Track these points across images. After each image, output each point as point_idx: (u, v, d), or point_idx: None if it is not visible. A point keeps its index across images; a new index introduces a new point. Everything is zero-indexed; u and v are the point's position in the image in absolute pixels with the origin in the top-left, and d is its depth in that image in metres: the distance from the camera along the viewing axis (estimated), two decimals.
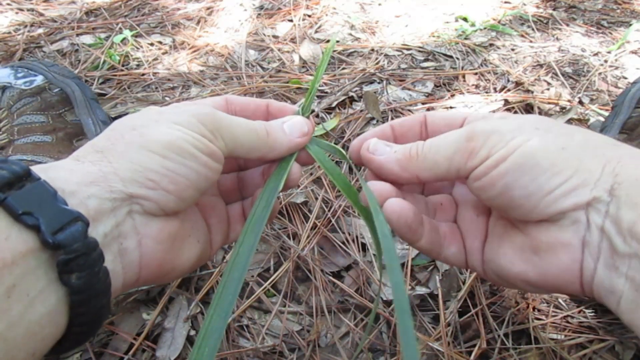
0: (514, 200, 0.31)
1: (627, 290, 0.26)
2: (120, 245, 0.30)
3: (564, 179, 0.29)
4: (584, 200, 0.28)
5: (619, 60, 1.11)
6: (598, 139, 0.30)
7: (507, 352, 0.58)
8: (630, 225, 0.26)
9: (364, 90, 1.00)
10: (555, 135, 0.30)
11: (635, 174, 0.27)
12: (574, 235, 0.29)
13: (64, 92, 0.81)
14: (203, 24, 1.26)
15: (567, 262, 0.30)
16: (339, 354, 0.58)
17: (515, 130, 0.31)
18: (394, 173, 0.37)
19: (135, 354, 0.58)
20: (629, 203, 0.26)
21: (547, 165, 0.29)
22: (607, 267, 0.28)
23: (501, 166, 0.30)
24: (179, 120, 0.33)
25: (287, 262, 0.68)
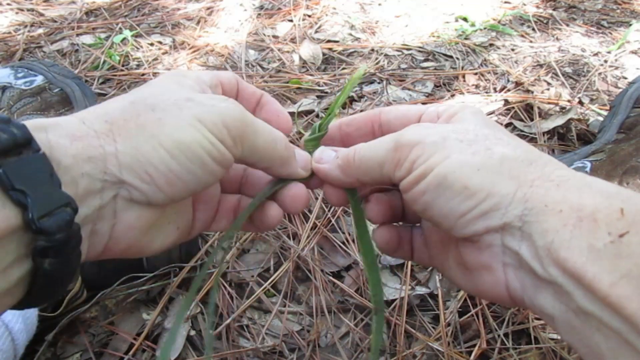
0: (434, 219, 0.31)
1: (559, 312, 0.26)
2: (94, 226, 0.29)
3: (475, 203, 0.29)
4: (496, 224, 0.28)
5: (619, 60, 1.11)
6: (516, 157, 0.30)
7: (507, 352, 0.58)
8: (545, 252, 0.26)
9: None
10: (474, 152, 0.30)
11: (544, 199, 0.27)
12: (492, 257, 0.30)
13: (64, 92, 0.81)
14: (203, 24, 1.26)
15: (491, 282, 0.30)
16: (339, 354, 0.58)
17: (438, 144, 0.31)
18: (338, 179, 0.37)
19: (135, 354, 0.58)
20: (539, 230, 0.26)
21: (459, 188, 0.29)
22: (534, 289, 0.28)
23: (421, 184, 0.30)
24: (204, 117, 0.30)
25: (287, 262, 0.68)
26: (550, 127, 0.89)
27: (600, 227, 0.24)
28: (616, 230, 0.24)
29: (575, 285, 0.24)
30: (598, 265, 0.24)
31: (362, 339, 0.60)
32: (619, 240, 0.24)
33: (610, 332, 0.23)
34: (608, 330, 0.23)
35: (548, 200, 0.27)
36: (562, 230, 0.25)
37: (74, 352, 0.58)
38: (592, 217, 0.25)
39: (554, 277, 0.25)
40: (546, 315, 0.27)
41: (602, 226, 0.24)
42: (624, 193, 0.26)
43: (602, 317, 0.23)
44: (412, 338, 0.60)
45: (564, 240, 0.25)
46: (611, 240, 0.24)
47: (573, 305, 0.25)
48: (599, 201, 0.26)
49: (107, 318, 0.62)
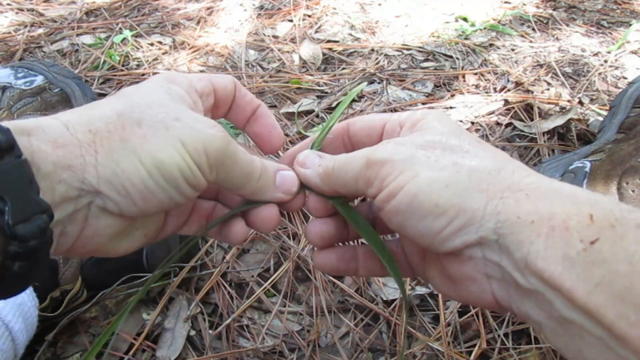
0: (410, 237, 0.31)
1: (544, 320, 0.26)
2: (64, 228, 0.29)
3: (448, 221, 0.29)
4: (473, 239, 0.28)
5: (619, 60, 1.11)
6: (484, 169, 0.30)
7: (507, 352, 0.58)
8: (523, 263, 0.26)
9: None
10: (442, 167, 0.30)
11: (515, 211, 0.27)
12: (475, 269, 0.30)
13: (64, 92, 0.81)
14: (203, 24, 1.26)
15: (477, 292, 0.30)
16: (339, 354, 0.58)
17: (406, 161, 0.31)
18: (317, 187, 0.37)
19: (136, 354, 0.58)
20: (515, 242, 0.27)
21: (430, 207, 0.29)
22: (519, 298, 0.28)
23: (392, 202, 0.31)
24: (187, 141, 0.31)
25: (287, 262, 0.68)
26: (550, 127, 0.89)
27: (572, 235, 0.25)
28: (587, 237, 0.24)
29: (555, 294, 0.25)
30: (574, 274, 0.24)
31: (362, 339, 0.60)
32: (591, 247, 0.24)
33: (592, 339, 0.23)
34: (590, 337, 0.23)
35: (520, 212, 0.27)
36: (536, 241, 0.26)
37: (74, 352, 0.58)
38: (563, 225, 0.25)
39: (535, 286, 0.26)
40: (533, 322, 0.27)
41: (574, 234, 0.25)
42: (592, 198, 0.26)
43: (584, 325, 0.24)
44: (412, 338, 0.60)
45: (540, 251, 0.25)
46: (584, 248, 0.24)
47: (556, 314, 0.25)
48: (569, 208, 0.26)
49: (107, 318, 0.62)
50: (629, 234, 0.23)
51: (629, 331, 0.21)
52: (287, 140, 0.87)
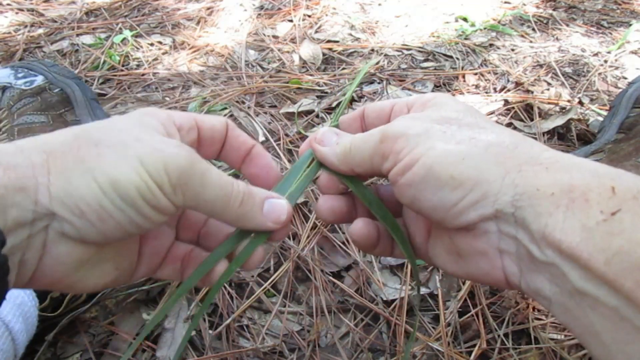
0: (423, 210, 0.31)
1: (555, 295, 0.26)
2: (23, 256, 0.28)
3: (464, 193, 0.28)
4: (489, 212, 0.28)
5: (619, 61, 1.11)
6: (501, 143, 0.30)
7: (507, 352, 0.58)
8: (540, 235, 0.26)
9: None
10: (458, 141, 0.30)
11: (534, 183, 0.27)
12: (488, 244, 0.29)
13: (64, 92, 0.81)
14: (203, 24, 1.26)
15: (487, 268, 0.30)
16: (339, 354, 0.58)
17: (421, 135, 0.31)
18: (334, 166, 0.37)
19: (136, 354, 0.58)
20: (532, 213, 0.26)
21: (446, 179, 0.29)
22: (530, 272, 0.28)
23: (407, 175, 0.30)
24: (146, 160, 0.29)
25: (287, 262, 0.68)
26: (550, 127, 0.89)
27: (592, 207, 0.24)
28: (608, 208, 0.24)
29: (571, 265, 0.25)
30: (592, 244, 0.24)
31: (362, 339, 0.60)
32: (612, 218, 0.24)
33: (605, 310, 0.23)
34: (604, 308, 0.23)
35: (538, 184, 0.27)
36: (555, 213, 0.25)
37: (74, 352, 0.58)
38: (583, 197, 0.25)
39: (551, 259, 0.26)
40: (542, 298, 0.27)
41: (594, 205, 0.24)
42: (613, 172, 0.26)
43: (599, 296, 0.23)
44: None
45: (558, 222, 0.25)
46: (604, 219, 0.24)
47: (569, 286, 0.25)
48: (590, 181, 0.26)
49: (107, 318, 0.62)
50: None
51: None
52: (287, 141, 0.87)
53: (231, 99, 0.98)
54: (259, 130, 0.90)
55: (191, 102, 0.95)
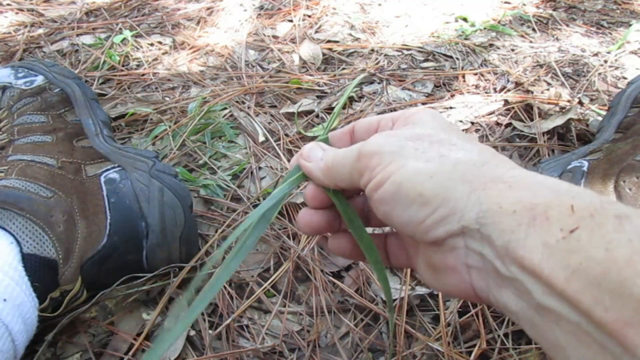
0: (395, 226, 0.32)
1: (521, 309, 0.27)
2: None
3: (431, 210, 0.29)
4: (455, 229, 0.29)
5: (619, 61, 1.11)
6: (469, 161, 0.30)
7: (507, 352, 0.58)
8: (504, 251, 0.26)
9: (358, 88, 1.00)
10: (428, 159, 0.31)
11: (498, 201, 0.28)
12: (455, 260, 0.30)
13: (64, 92, 0.81)
14: (203, 24, 1.26)
15: (457, 282, 0.31)
16: (339, 354, 0.58)
17: (394, 153, 0.32)
18: (320, 180, 0.38)
19: (135, 354, 0.58)
20: (496, 231, 0.27)
21: (414, 196, 0.30)
22: (497, 287, 0.28)
23: (379, 192, 0.31)
24: None
25: (287, 262, 0.68)
26: (550, 127, 0.89)
27: (552, 224, 0.25)
28: (567, 226, 0.24)
29: (534, 282, 0.25)
30: (553, 261, 0.24)
31: (362, 339, 0.60)
32: (570, 235, 0.24)
33: (568, 326, 0.24)
34: (566, 323, 0.24)
35: (501, 201, 0.27)
36: (517, 230, 0.26)
37: (74, 352, 0.58)
38: (544, 215, 0.25)
39: (515, 274, 0.26)
40: (510, 312, 0.28)
41: (554, 223, 0.25)
42: (574, 190, 0.27)
43: (561, 312, 0.24)
44: (412, 338, 0.60)
45: (520, 240, 0.26)
46: (563, 236, 0.24)
47: (533, 302, 0.25)
48: (551, 199, 0.26)
49: (107, 318, 0.62)
50: (607, 223, 0.24)
51: (605, 315, 0.22)
52: (287, 141, 0.87)
53: (231, 99, 0.98)
54: (259, 130, 0.90)
55: (191, 102, 0.95)
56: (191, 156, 0.86)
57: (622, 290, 0.21)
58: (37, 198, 0.60)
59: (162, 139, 0.88)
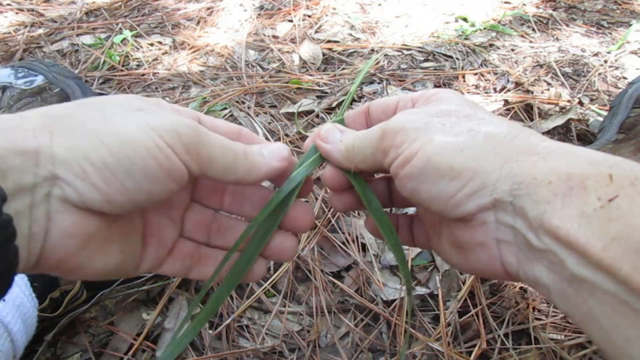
0: (423, 202, 0.31)
1: (553, 283, 0.26)
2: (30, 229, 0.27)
3: (463, 183, 0.29)
4: (487, 202, 0.29)
5: (619, 61, 1.11)
6: (499, 134, 0.30)
7: (507, 352, 0.58)
8: (538, 223, 0.26)
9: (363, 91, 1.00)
10: (457, 133, 0.30)
11: (532, 172, 0.27)
12: (486, 235, 0.30)
13: (64, 92, 0.81)
14: (203, 24, 1.26)
15: (485, 259, 0.30)
16: (339, 354, 0.58)
17: (420, 129, 0.31)
18: (338, 162, 0.37)
19: (135, 354, 0.58)
20: (530, 202, 0.27)
21: (445, 170, 0.29)
22: (528, 261, 0.28)
23: (406, 168, 0.31)
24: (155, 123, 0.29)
25: (287, 262, 0.68)
26: (550, 127, 0.89)
27: (590, 194, 0.25)
28: (605, 195, 0.24)
29: (568, 252, 0.25)
30: (590, 230, 0.24)
31: (362, 339, 0.60)
32: (609, 204, 0.24)
33: (604, 296, 0.23)
34: (602, 294, 0.23)
35: (536, 173, 0.27)
36: (553, 200, 0.26)
37: (74, 352, 0.58)
38: (581, 185, 0.25)
39: (549, 246, 0.26)
40: (541, 287, 0.27)
41: (591, 193, 0.25)
42: (610, 159, 0.26)
43: (596, 281, 0.24)
44: (412, 338, 0.60)
45: (556, 210, 0.25)
46: (601, 206, 0.24)
47: (567, 273, 0.25)
48: (587, 169, 0.26)
49: (107, 318, 0.62)
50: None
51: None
52: (287, 141, 0.87)
53: (231, 99, 0.98)
54: (259, 130, 0.90)
55: (191, 102, 0.95)
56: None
57: None
58: None
59: None
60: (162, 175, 0.29)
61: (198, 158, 0.31)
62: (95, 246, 0.30)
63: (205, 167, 0.32)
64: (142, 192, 0.29)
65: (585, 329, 0.26)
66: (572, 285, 0.25)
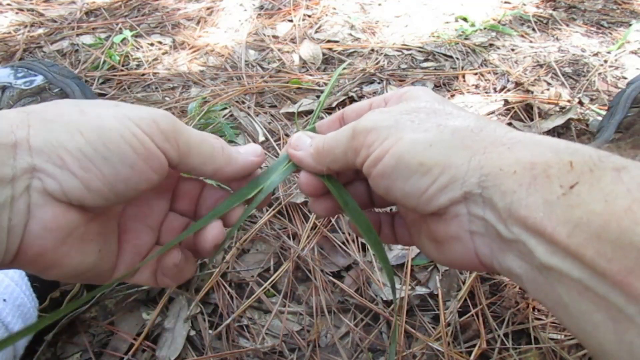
0: (397, 199, 0.32)
1: (525, 272, 0.27)
2: (10, 222, 0.27)
3: (433, 178, 0.29)
4: (458, 195, 0.29)
5: (619, 61, 1.11)
6: (466, 128, 0.30)
7: (507, 352, 0.58)
8: (506, 213, 0.27)
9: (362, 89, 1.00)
10: (426, 129, 0.31)
11: (498, 163, 0.28)
12: (459, 227, 0.30)
13: (64, 92, 0.81)
14: (203, 24, 1.26)
15: (461, 251, 0.31)
16: (339, 354, 0.58)
17: (391, 127, 0.32)
18: (311, 167, 0.38)
19: (135, 354, 0.58)
20: (497, 193, 0.27)
21: (415, 166, 0.30)
22: (501, 252, 0.28)
23: (378, 166, 0.31)
24: (131, 113, 0.30)
25: (287, 262, 0.68)
26: (550, 127, 0.89)
27: (552, 182, 0.25)
28: (567, 182, 0.25)
29: (537, 240, 0.25)
30: (554, 217, 0.24)
31: (362, 339, 0.60)
32: (570, 191, 0.24)
33: (571, 282, 0.24)
34: (569, 280, 0.24)
35: (502, 164, 0.27)
36: (518, 190, 0.26)
37: (74, 352, 0.58)
38: (544, 173, 0.26)
39: (517, 235, 0.26)
40: (514, 276, 0.28)
41: (554, 180, 0.25)
42: (572, 147, 0.27)
43: (563, 269, 0.24)
44: (412, 338, 0.60)
45: (522, 199, 0.26)
46: (563, 193, 0.24)
47: (536, 262, 0.25)
48: (550, 157, 0.26)
49: (106, 318, 0.62)
50: (606, 176, 0.24)
51: (607, 267, 0.22)
52: (287, 141, 0.87)
53: (231, 99, 0.98)
54: (259, 130, 0.90)
55: (191, 102, 0.95)
56: None
57: (622, 240, 0.22)
58: None
59: None
60: (140, 162, 0.30)
61: (177, 146, 0.32)
62: (73, 242, 0.30)
63: (184, 156, 0.33)
64: (121, 179, 0.30)
65: (557, 315, 0.26)
66: (542, 273, 0.26)
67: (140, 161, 0.30)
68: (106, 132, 0.29)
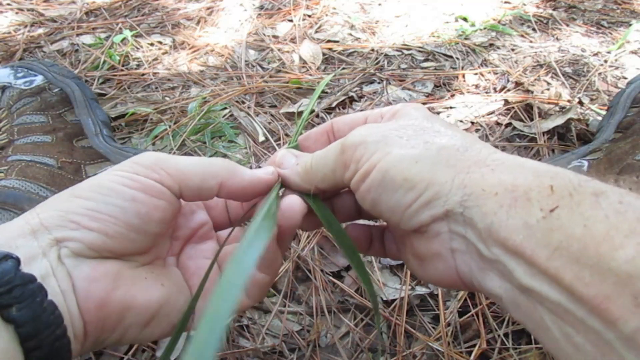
0: (383, 215, 0.32)
1: (505, 292, 0.27)
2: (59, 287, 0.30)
3: (417, 194, 0.30)
4: (439, 212, 0.29)
5: (619, 60, 1.11)
6: (452, 146, 0.31)
7: (507, 352, 0.58)
8: (487, 233, 0.27)
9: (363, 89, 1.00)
10: (413, 145, 0.31)
11: (481, 184, 0.28)
12: (440, 245, 0.30)
13: (64, 92, 0.81)
14: (203, 24, 1.26)
15: (442, 269, 0.31)
16: (339, 354, 0.58)
17: (379, 142, 0.32)
18: (297, 185, 0.38)
19: (135, 354, 0.58)
20: (479, 213, 0.27)
21: (400, 181, 0.30)
22: (481, 271, 0.29)
23: (366, 182, 0.32)
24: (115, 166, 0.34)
25: (287, 262, 0.68)
26: (550, 127, 0.89)
27: (533, 205, 0.25)
28: (547, 205, 0.25)
29: (516, 262, 0.25)
30: (534, 240, 0.24)
31: (362, 339, 0.60)
32: (550, 214, 0.24)
33: (551, 305, 0.24)
34: (549, 303, 0.24)
35: (485, 184, 0.28)
36: (499, 212, 0.26)
37: None
38: (525, 196, 0.26)
39: (497, 256, 0.26)
40: (494, 296, 0.28)
41: (534, 203, 0.25)
42: (552, 170, 0.27)
43: (542, 291, 0.24)
44: (412, 338, 0.60)
45: (502, 221, 0.26)
46: (543, 216, 0.25)
47: (516, 283, 0.26)
48: (531, 180, 0.27)
49: None
50: (585, 201, 0.24)
51: (585, 291, 0.22)
52: (287, 141, 0.87)
53: (231, 98, 0.98)
54: (259, 130, 0.90)
55: (191, 102, 0.95)
56: (191, 156, 0.86)
57: (600, 265, 0.22)
58: (37, 198, 0.60)
59: (162, 138, 0.88)
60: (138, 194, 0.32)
61: (166, 173, 0.34)
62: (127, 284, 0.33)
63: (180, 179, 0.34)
64: (131, 215, 0.32)
65: (538, 337, 0.26)
66: (523, 294, 0.26)
67: (138, 193, 0.32)
68: (97, 185, 0.32)
